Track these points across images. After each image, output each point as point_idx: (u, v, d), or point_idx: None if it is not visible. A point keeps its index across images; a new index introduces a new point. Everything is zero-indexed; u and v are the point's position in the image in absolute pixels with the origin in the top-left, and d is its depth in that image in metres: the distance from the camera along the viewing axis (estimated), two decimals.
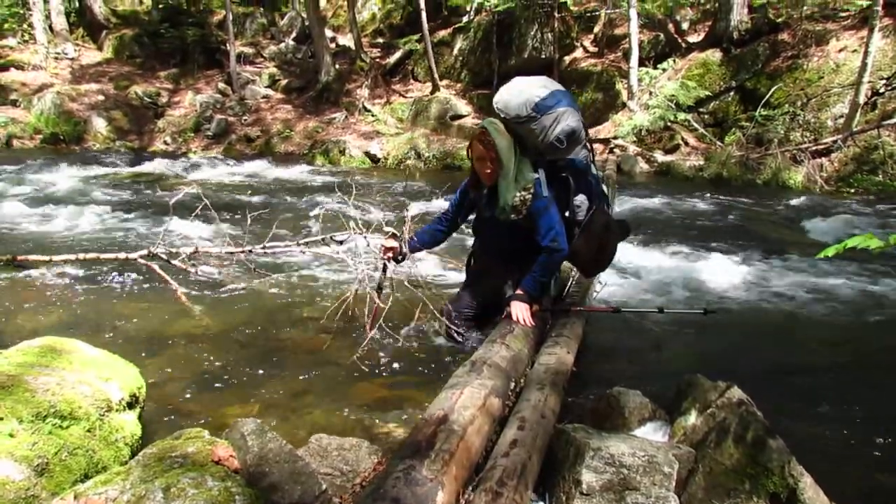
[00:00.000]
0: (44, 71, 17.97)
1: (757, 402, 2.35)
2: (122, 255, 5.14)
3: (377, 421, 2.89)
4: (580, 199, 3.37)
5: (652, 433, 2.53)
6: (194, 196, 5.54)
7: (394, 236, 3.62)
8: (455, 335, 3.54)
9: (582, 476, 2.02)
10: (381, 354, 3.52)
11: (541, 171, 3.26)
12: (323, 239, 4.77)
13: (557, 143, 3.20)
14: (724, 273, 5.38)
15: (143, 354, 3.57)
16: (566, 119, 3.18)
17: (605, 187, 3.56)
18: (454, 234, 3.88)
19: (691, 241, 6.50)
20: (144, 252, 5.01)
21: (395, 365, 3.46)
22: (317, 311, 3.68)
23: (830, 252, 1.99)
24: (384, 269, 3.69)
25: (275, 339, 3.94)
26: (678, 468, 2.05)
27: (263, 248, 4.94)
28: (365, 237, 4.14)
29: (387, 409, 3.03)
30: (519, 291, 3.31)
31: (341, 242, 4.66)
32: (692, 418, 2.48)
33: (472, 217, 3.65)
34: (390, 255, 3.63)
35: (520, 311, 3.24)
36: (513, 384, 2.74)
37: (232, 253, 5.08)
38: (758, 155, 10.82)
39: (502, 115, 3.25)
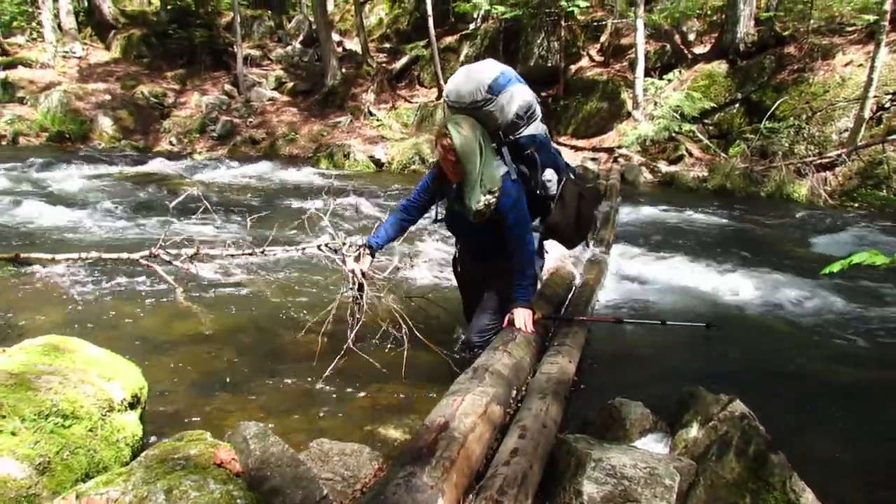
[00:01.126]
0: (52, 69, 18.05)
1: (759, 415, 2.34)
2: (123, 255, 5.16)
3: (378, 426, 2.89)
4: (549, 174, 3.33)
5: (653, 445, 2.52)
6: (197, 197, 5.55)
7: (366, 247, 3.45)
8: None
9: (583, 487, 2.01)
10: (384, 360, 3.52)
11: (505, 152, 3.17)
12: (319, 246, 4.79)
13: (517, 119, 3.15)
14: (726, 285, 5.38)
15: (146, 354, 3.57)
16: (520, 94, 3.15)
17: (565, 160, 3.53)
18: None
19: (694, 253, 6.50)
20: (146, 252, 5.03)
21: (397, 370, 3.45)
22: (320, 315, 3.67)
23: (835, 268, 2.00)
24: (360, 288, 3.54)
25: (277, 341, 3.95)
26: (679, 481, 2.05)
27: (263, 251, 4.96)
28: (345, 243, 4.04)
29: (388, 415, 3.03)
30: (516, 305, 3.22)
31: (336, 251, 4.66)
32: (694, 431, 2.48)
33: (442, 209, 3.46)
34: (360, 265, 3.48)
35: (522, 318, 3.19)
36: (514, 392, 2.74)
37: (233, 255, 5.10)
38: (762, 167, 10.82)
39: (457, 106, 3.15)
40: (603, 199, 3.53)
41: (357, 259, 3.51)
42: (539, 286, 3.81)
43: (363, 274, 3.49)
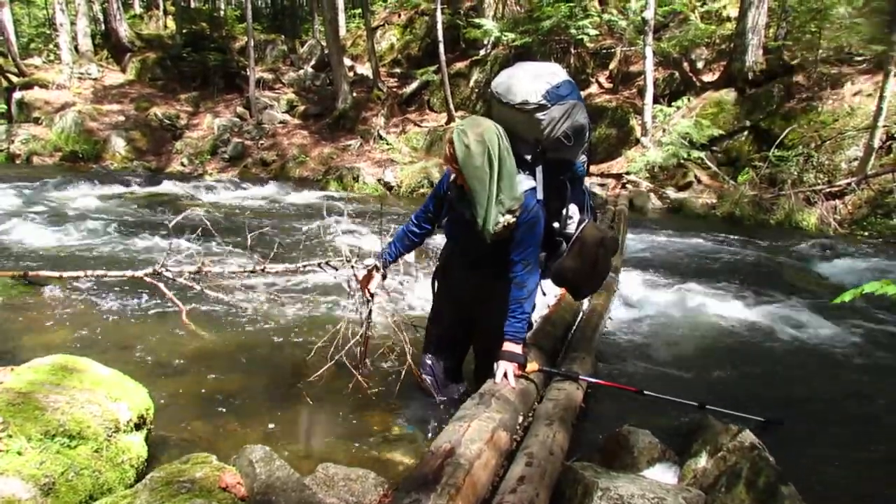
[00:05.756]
0: (67, 90, 18.33)
1: (769, 446, 2.32)
2: (128, 273, 5.20)
3: (385, 451, 2.87)
4: (573, 210, 2.96)
5: (661, 474, 2.49)
6: (204, 217, 5.60)
7: (375, 269, 3.26)
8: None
9: None
10: (391, 384, 3.50)
11: (538, 171, 2.79)
12: (319, 264, 4.80)
13: (565, 139, 2.75)
14: (734, 313, 5.35)
15: (153, 374, 3.57)
16: (577, 114, 2.76)
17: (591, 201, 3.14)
18: None
19: (703, 280, 6.46)
20: (150, 270, 5.06)
21: (404, 395, 3.43)
22: (326, 337, 3.66)
23: (847, 297, 1.98)
24: (368, 305, 3.40)
25: (283, 362, 3.94)
26: None
27: (264, 269, 4.99)
28: (353, 265, 3.91)
29: (394, 440, 3.01)
30: (506, 343, 2.82)
31: (336, 268, 4.67)
32: (703, 461, 2.45)
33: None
34: (369, 286, 3.28)
35: (504, 371, 2.79)
36: (521, 418, 2.72)
37: (235, 273, 5.13)
38: (771, 195, 10.81)
39: (503, 101, 2.74)
40: (619, 249, 2.95)
41: (367, 279, 3.29)
42: (539, 323, 3.69)
43: (371, 295, 3.33)
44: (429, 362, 3.30)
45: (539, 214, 2.76)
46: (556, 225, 2.96)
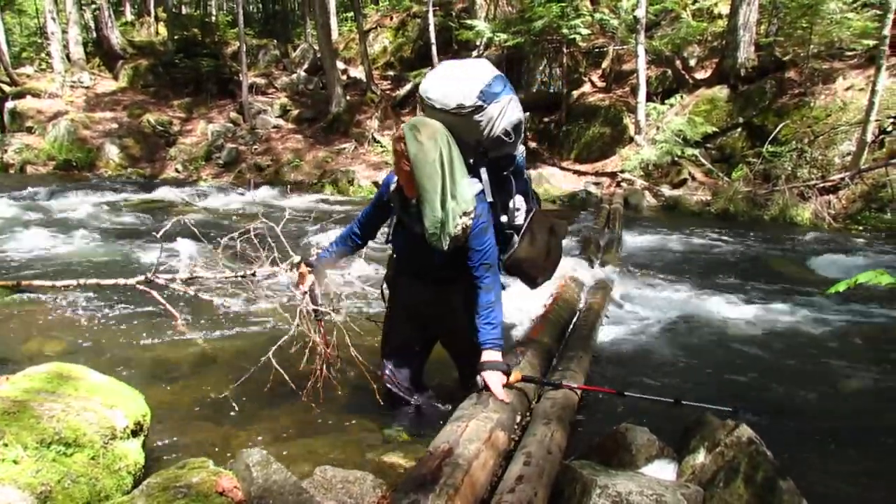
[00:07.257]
0: (59, 99, 18.31)
1: (766, 441, 2.32)
2: (120, 281, 5.18)
3: (382, 453, 2.85)
4: (519, 202, 2.94)
5: (660, 471, 2.49)
6: (197, 223, 5.58)
7: (304, 264, 3.17)
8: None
9: None
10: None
11: (483, 173, 2.74)
12: (300, 262, 4.80)
13: (506, 136, 2.71)
14: (730, 309, 5.35)
15: (149, 380, 3.56)
16: (513, 108, 2.71)
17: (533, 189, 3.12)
18: None
19: (698, 277, 6.48)
20: (142, 277, 5.04)
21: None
22: (287, 336, 3.62)
23: (841, 287, 1.99)
24: (313, 302, 3.27)
25: (279, 365, 3.92)
26: None
27: (254, 272, 4.99)
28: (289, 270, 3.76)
29: (392, 442, 3.01)
30: (486, 352, 2.68)
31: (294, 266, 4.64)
32: (701, 457, 2.45)
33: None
34: (305, 284, 3.17)
35: (493, 381, 2.63)
36: (519, 417, 2.72)
37: (226, 277, 5.12)
38: (765, 191, 10.83)
39: (437, 107, 2.65)
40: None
41: (301, 278, 3.16)
42: (536, 321, 3.69)
43: (311, 297, 3.20)
44: (388, 371, 3.18)
45: (489, 218, 2.72)
46: (504, 219, 2.91)
